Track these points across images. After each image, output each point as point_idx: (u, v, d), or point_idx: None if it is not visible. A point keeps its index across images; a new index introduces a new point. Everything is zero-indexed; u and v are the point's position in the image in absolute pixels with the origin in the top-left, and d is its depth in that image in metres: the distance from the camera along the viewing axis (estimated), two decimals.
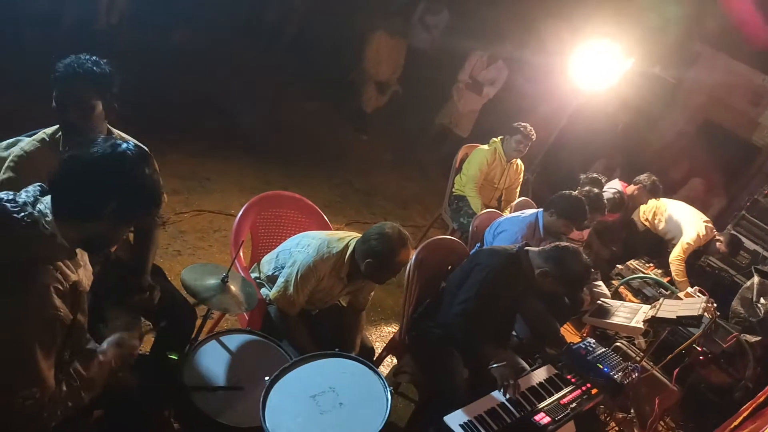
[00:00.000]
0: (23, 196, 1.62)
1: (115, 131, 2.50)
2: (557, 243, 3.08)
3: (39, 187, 1.68)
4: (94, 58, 2.28)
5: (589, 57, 5.29)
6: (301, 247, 2.87)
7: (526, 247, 3.12)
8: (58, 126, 2.33)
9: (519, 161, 5.29)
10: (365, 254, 2.73)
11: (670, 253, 5.35)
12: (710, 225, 5.44)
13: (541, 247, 3.12)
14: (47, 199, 1.63)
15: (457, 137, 7.23)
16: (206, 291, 2.38)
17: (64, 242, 1.62)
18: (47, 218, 1.60)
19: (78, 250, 1.72)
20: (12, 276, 1.54)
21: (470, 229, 4.26)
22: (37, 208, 1.60)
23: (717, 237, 5.41)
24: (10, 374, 1.58)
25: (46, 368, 1.61)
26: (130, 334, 1.99)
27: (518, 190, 5.41)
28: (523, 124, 5.04)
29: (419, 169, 7.41)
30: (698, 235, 5.27)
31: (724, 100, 7.67)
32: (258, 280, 3.06)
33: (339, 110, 7.52)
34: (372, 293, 3.13)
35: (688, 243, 5.23)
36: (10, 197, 1.59)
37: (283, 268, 2.88)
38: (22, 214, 1.56)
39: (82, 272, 1.76)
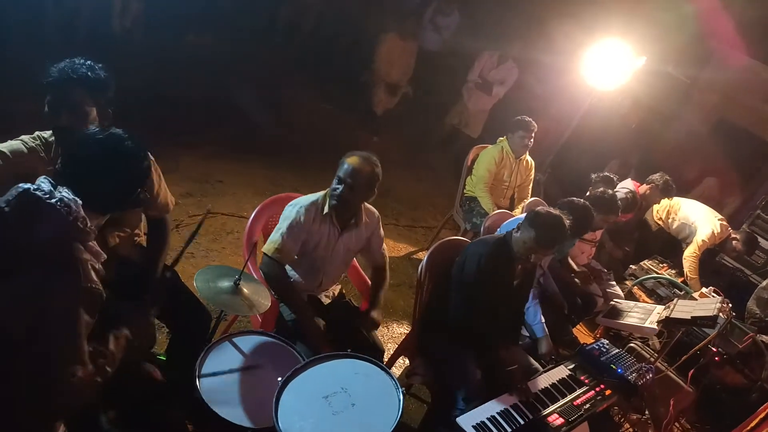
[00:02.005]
0: (45, 185, 1.66)
1: None
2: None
3: (48, 180, 1.73)
4: (89, 62, 2.26)
5: (600, 56, 5.26)
6: (290, 206, 2.99)
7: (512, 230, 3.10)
8: (51, 131, 2.32)
9: (529, 158, 5.25)
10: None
11: (684, 252, 5.32)
12: (725, 223, 5.38)
13: None
14: (65, 189, 1.69)
15: (467, 137, 7.23)
16: (219, 294, 2.40)
17: (92, 226, 1.70)
18: (78, 202, 1.67)
19: None
20: (56, 256, 1.61)
21: (481, 229, 4.25)
22: (62, 195, 1.66)
23: (733, 235, 5.36)
24: (58, 352, 1.63)
25: (85, 346, 1.67)
26: (139, 309, 2.09)
27: (530, 187, 5.37)
28: (521, 117, 5.02)
29: (430, 170, 7.41)
30: (713, 233, 5.22)
31: (738, 99, 7.59)
32: None
33: (350, 112, 7.54)
34: (384, 248, 3.22)
35: (702, 240, 5.19)
36: (35, 187, 1.64)
37: None
38: (54, 199, 1.62)
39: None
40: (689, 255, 5.15)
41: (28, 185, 1.63)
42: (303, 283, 3.08)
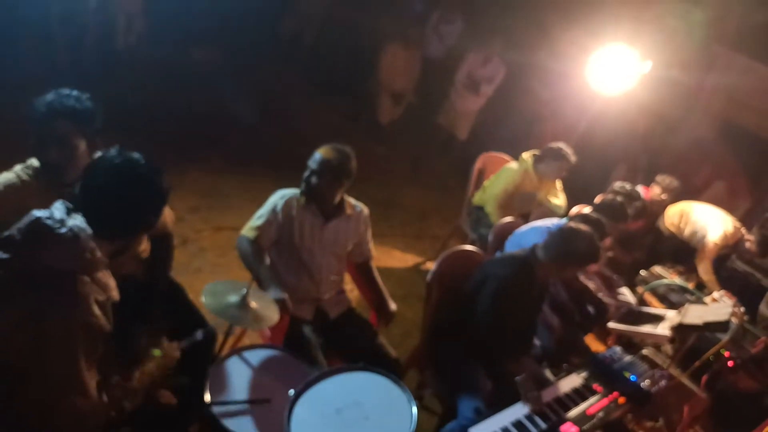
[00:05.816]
0: (57, 213, 1.66)
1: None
2: (556, 229, 3.05)
3: (64, 205, 1.73)
4: (75, 93, 2.18)
5: (606, 61, 5.26)
6: (275, 194, 3.19)
7: (535, 247, 3.07)
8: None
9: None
10: None
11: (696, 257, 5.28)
12: (738, 224, 5.34)
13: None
14: (78, 216, 1.69)
15: (463, 143, 7.25)
16: (227, 308, 2.39)
17: (102, 256, 1.69)
18: (87, 232, 1.65)
19: None
20: (58, 287, 1.60)
21: (489, 239, 4.21)
22: (73, 224, 1.65)
23: (746, 237, 5.31)
24: (55, 382, 1.62)
25: (88, 378, 1.66)
26: (170, 345, 2.09)
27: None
28: (565, 150, 4.93)
29: (436, 179, 7.40)
30: (725, 234, 5.18)
31: (744, 102, 7.56)
32: None
33: (355, 122, 7.54)
34: (371, 243, 3.32)
35: (714, 243, 5.14)
36: (47, 215, 1.64)
37: None
38: (64, 229, 1.61)
39: (112, 281, 1.83)
40: (700, 259, 5.11)
41: (40, 213, 1.63)
42: (302, 287, 3.05)
